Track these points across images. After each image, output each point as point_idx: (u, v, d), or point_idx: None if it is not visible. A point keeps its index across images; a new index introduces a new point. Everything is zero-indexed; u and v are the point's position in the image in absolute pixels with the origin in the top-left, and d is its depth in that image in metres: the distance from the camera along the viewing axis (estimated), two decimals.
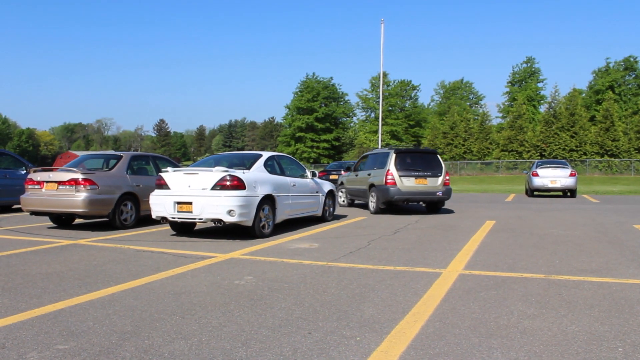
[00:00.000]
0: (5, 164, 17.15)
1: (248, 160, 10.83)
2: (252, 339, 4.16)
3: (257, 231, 9.80)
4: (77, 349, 3.96)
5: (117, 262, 7.53)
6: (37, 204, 11.48)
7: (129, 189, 11.78)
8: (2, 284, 6.15)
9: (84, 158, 13.52)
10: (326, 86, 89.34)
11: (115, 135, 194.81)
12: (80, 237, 10.26)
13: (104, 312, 4.92)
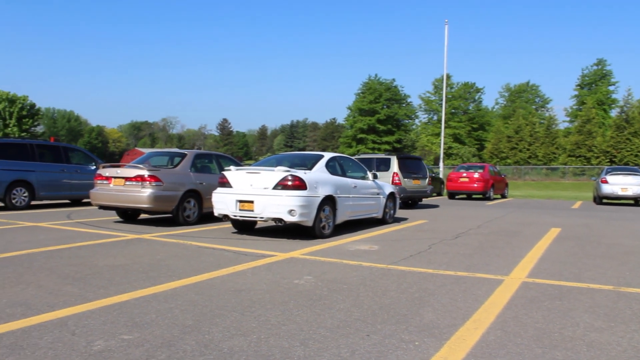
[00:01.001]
0: (77, 159, 17.82)
1: (310, 160, 10.87)
2: (310, 338, 4.17)
3: (317, 231, 9.83)
4: (140, 340, 4.07)
5: (179, 257, 7.70)
6: (105, 198, 11.88)
7: (193, 187, 12.03)
8: (72, 274, 6.39)
9: (149, 155, 13.90)
10: (388, 88, 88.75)
11: (180, 134, 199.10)
12: (144, 231, 10.54)
13: (166, 306, 5.03)
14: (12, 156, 15.72)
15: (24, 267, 6.81)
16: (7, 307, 4.94)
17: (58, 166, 16.74)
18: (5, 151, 15.63)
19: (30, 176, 15.82)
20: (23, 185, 15.67)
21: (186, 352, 3.83)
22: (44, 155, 16.67)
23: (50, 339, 4.07)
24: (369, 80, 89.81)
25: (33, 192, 15.90)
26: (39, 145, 17.00)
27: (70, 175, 16.99)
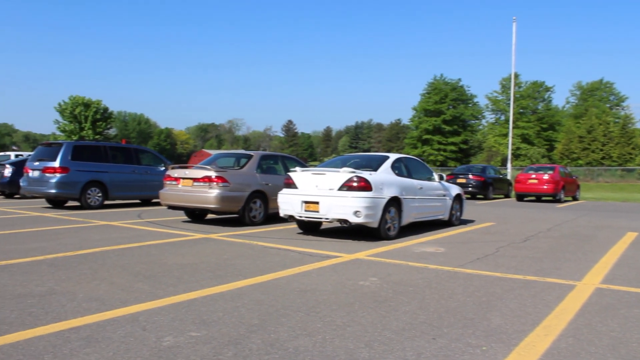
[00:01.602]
0: (146, 160, 18.38)
1: (375, 161, 10.81)
2: (375, 340, 4.15)
3: (382, 233, 9.77)
4: (208, 337, 4.14)
5: (245, 257, 7.81)
6: (174, 198, 12.20)
7: (259, 187, 12.19)
8: (142, 272, 6.59)
9: (216, 157, 14.16)
10: (454, 88, 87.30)
11: (246, 135, 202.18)
12: (212, 231, 10.75)
13: (233, 304, 5.11)
14: (87, 158, 16.38)
15: (98, 264, 7.07)
16: (83, 302, 5.14)
17: (129, 167, 17.31)
18: (81, 153, 16.29)
19: (103, 177, 16.42)
20: (97, 185, 16.28)
21: (252, 351, 3.88)
22: (116, 156, 17.28)
23: (123, 334, 4.21)
24: (434, 81, 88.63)
25: (106, 192, 16.49)
26: (111, 148, 17.64)
27: (141, 176, 17.53)
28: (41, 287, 5.79)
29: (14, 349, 3.87)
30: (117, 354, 3.79)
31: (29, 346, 3.94)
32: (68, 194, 15.90)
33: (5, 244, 8.85)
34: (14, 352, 3.83)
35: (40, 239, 9.45)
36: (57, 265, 6.99)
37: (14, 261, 7.30)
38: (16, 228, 11.15)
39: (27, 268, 6.82)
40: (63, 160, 15.76)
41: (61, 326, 4.39)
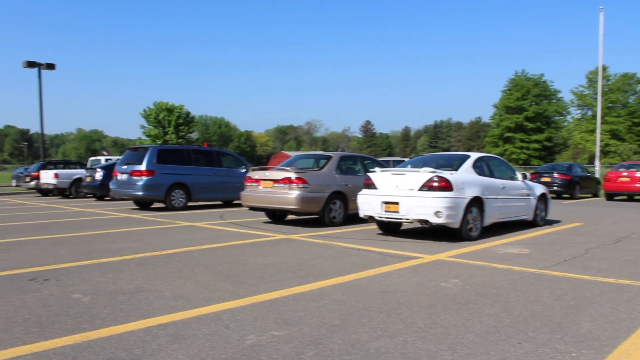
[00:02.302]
0: (227, 163, 18.83)
1: (456, 161, 10.62)
2: (458, 343, 4.07)
3: (464, 234, 9.58)
4: (289, 337, 4.18)
5: (326, 257, 7.84)
6: (255, 200, 12.42)
7: (338, 188, 12.22)
8: (225, 272, 6.74)
9: (296, 158, 14.31)
10: (537, 83, 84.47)
11: (324, 136, 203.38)
12: (292, 232, 10.87)
13: (314, 305, 5.14)
14: (172, 161, 16.95)
15: (183, 264, 7.29)
16: (170, 300, 5.32)
17: (211, 170, 17.78)
18: (165, 157, 16.88)
19: (187, 179, 16.94)
20: (181, 187, 16.81)
21: (333, 351, 3.88)
22: (199, 159, 17.80)
23: (207, 331, 4.31)
24: (515, 77, 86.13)
25: (189, 194, 17.01)
26: (194, 151, 18.19)
27: (222, 178, 17.97)
28: (130, 284, 6.04)
29: (107, 343, 4.05)
30: (202, 350, 3.89)
31: (120, 340, 4.11)
32: (154, 196, 16.51)
33: (97, 244, 9.29)
34: (107, 345, 4.00)
35: (129, 239, 9.86)
36: (145, 264, 7.26)
37: (105, 260, 7.65)
38: (107, 228, 11.67)
39: (117, 266, 7.13)
40: (149, 164, 16.37)
41: (150, 322, 4.56)
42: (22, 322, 4.64)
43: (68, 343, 4.07)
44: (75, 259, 7.79)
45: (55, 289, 5.87)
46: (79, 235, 10.58)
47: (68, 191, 25.01)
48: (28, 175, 28.53)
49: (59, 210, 17.68)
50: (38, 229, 11.83)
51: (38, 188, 26.82)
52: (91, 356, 3.79)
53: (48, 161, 29.80)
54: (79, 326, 4.48)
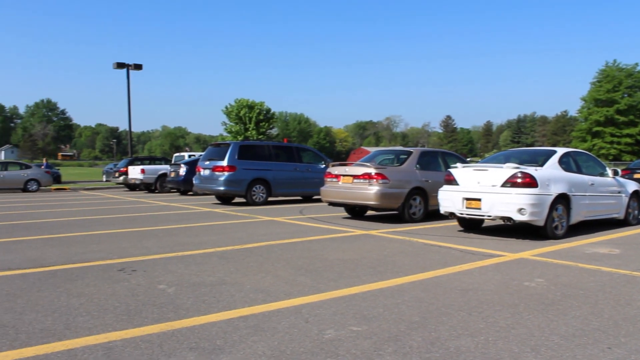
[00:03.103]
0: (307, 158, 18.98)
1: (541, 156, 10.27)
2: (542, 345, 3.92)
3: (549, 232, 9.25)
4: (368, 333, 4.17)
5: (405, 254, 7.77)
6: (334, 195, 12.47)
7: (418, 184, 12.08)
8: (305, 266, 6.80)
9: (376, 154, 14.24)
10: (630, 74, 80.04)
11: (403, 132, 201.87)
12: (371, 228, 10.83)
13: (393, 301, 5.10)
14: (253, 157, 17.27)
15: (263, 258, 7.41)
16: (250, 293, 5.42)
17: (291, 165, 17.98)
18: (246, 152, 17.22)
19: (267, 175, 17.21)
20: (261, 183, 17.10)
21: (412, 348, 3.84)
22: (279, 155, 18.05)
23: (287, 325, 4.36)
24: (606, 67, 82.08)
25: (270, 189, 17.27)
26: (274, 147, 18.47)
27: (302, 173, 18.14)
28: (212, 277, 6.19)
29: (190, 332, 4.18)
30: (282, 343, 3.93)
31: (203, 331, 4.22)
32: (235, 191, 16.87)
33: (181, 237, 9.59)
34: (190, 335, 4.12)
35: (211, 233, 10.12)
36: (227, 258, 7.43)
37: (189, 252, 7.88)
38: (190, 222, 12.04)
39: (200, 259, 7.33)
40: (230, 160, 16.74)
41: (231, 314, 4.66)
42: (112, 309, 4.85)
43: (154, 331, 4.22)
44: (160, 251, 8.08)
45: (142, 279, 6.10)
46: (164, 228, 10.96)
47: (154, 186, 25.96)
48: (117, 171, 29.88)
49: (145, 204, 18.39)
50: (127, 222, 12.35)
51: (126, 183, 28.01)
52: (175, 345, 3.92)
53: (135, 157, 31.08)
54: (164, 315, 4.64)
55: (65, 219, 13.08)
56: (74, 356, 3.71)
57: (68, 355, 3.74)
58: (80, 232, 10.46)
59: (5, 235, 9.99)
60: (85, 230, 10.65)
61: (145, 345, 3.91)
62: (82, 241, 9.16)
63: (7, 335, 4.17)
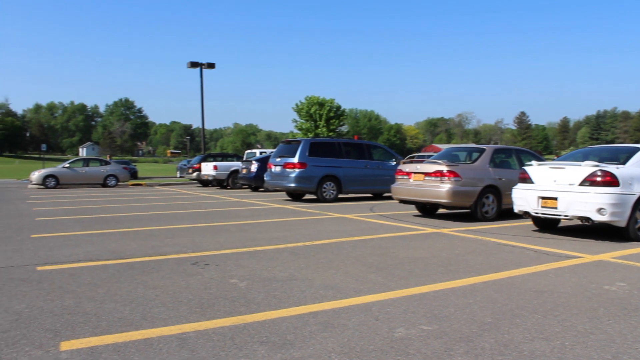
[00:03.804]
0: (378, 156, 18.90)
1: (623, 154, 9.81)
2: (624, 353, 3.75)
3: (631, 233, 8.84)
4: (439, 332, 4.11)
5: (477, 253, 7.61)
6: (405, 193, 12.36)
7: (491, 182, 11.81)
8: (375, 264, 6.77)
9: (447, 151, 14.03)
10: None
11: (476, 129, 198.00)
12: (443, 226, 10.68)
13: (464, 301, 5.01)
14: (323, 154, 17.34)
15: (333, 254, 7.43)
16: (320, 289, 5.44)
17: (362, 162, 17.94)
18: (317, 150, 17.31)
19: (338, 172, 17.24)
20: (332, 180, 17.15)
21: (485, 350, 3.75)
22: (349, 152, 18.04)
23: (357, 322, 4.36)
24: None
25: (340, 186, 17.30)
26: (345, 144, 18.46)
27: (373, 170, 18.07)
28: (283, 272, 6.26)
29: (261, 327, 4.24)
30: (352, 340, 3.93)
31: (274, 325, 4.27)
32: (306, 187, 16.99)
33: (252, 232, 9.74)
34: (261, 329, 4.18)
35: (282, 229, 10.23)
36: (297, 254, 7.49)
37: (260, 248, 8.00)
38: (261, 218, 12.21)
39: (271, 255, 7.43)
40: (301, 157, 16.87)
41: (301, 310, 4.69)
42: (186, 302, 4.98)
43: (226, 324, 4.30)
44: (233, 246, 8.23)
45: (214, 273, 6.23)
46: (236, 224, 11.17)
47: (226, 182, 26.49)
48: (190, 167, 30.66)
49: (217, 200, 18.80)
50: (200, 217, 12.66)
51: (199, 179, 28.72)
52: (247, 338, 3.98)
53: (208, 154, 31.79)
54: (235, 309, 4.72)
55: (142, 214, 13.53)
56: (150, 345, 3.84)
57: (144, 344, 3.87)
58: (156, 226, 10.80)
59: (87, 228, 10.43)
60: (161, 225, 10.99)
61: (218, 338, 3.99)
62: (158, 235, 9.46)
63: (90, 322, 4.37)
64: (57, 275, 6.18)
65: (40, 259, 7.13)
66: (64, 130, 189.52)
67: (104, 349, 3.78)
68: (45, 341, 3.94)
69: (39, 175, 27.54)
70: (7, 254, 7.59)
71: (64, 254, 7.57)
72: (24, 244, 8.45)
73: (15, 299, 5.13)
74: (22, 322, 4.39)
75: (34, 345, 3.86)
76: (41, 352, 3.74)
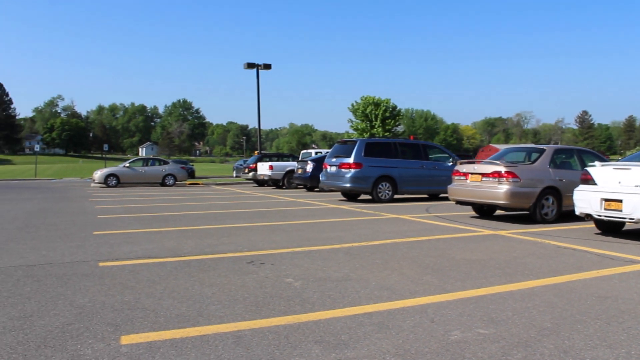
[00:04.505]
0: (434, 156, 18.71)
1: None
2: None
3: None
4: (496, 336, 4.02)
5: (537, 256, 7.43)
6: (462, 194, 12.18)
7: (551, 183, 11.50)
8: (431, 265, 6.70)
9: (505, 151, 13.75)
10: None
11: (535, 129, 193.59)
12: (500, 228, 10.47)
13: (522, 305, 4.89)
14: (379, 154, 17.28)
15: (388, 255, 7.39)
16: (375, 290, 5.42)
17: (418, 162, 17.78)
18: (373, 150, 17.25)
19: (393, 172, 17.13)
20: (387, 180, 17.04)
21: (544, 356, 3.66)
22: (405, 152, 17.91)
23: (412, 323, 4.31)
24: None
25: (396, 187, 17.17)
26: (401, 144, 18.35)
27: (429, 171, 17.89)
28: (338, 272, 6.26)
29: (316, 326, 4.25)
30: (406, 342, 3.89)
31: (328, 325, 4.27)
32: (361, 188, 16.96)
33: (308, 232, 9.79)
34: (316, 328, 4.20)
35: (337, 229, 10.24)
36: (352, 254, 7.48)
37: (315, 248, 8.03)
38: (317, 218, 12.25)
39: (326, 255, 7.44)
40: (357, 157, 16.84)
41: (356, 310, 4.68)
42: (242, 300, 5.04)
43: (281, 323, 4.33)
44: (288, 245, 8.28)
45: (270, 272, 6.29)
46: (291, 223, 11.24)
47: (281, 182, 26.70)
48: (246, 167, 31.06)
49: (273, 199, 18.97)
50: (256, 216, 12.80)
51: (255, 179, 29.05)
52: (301, 337, 3.99)
53: (264, 154, 32.13)
54: (290, 308, 4.75)
55: (199, 212, 13.79)
56: (206, 342, 3.90)
57: (201, 340, 3.94)
58: (213, 225, 10.98)
59: (146, 226, 10.70)
60: (218, 224, 11.16)
61: (272, 336, 4.02)
62: (215, 234, 9.61)
63: (148, 318, 4.47)
64: (117, 271, 6.36)
65: (102, 255, 7.36)
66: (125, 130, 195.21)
67: (161, 344, 3.86)
68: (106, 334, 4.07)
69: (101, 175, 28.49)
70: (71, 249, 7.87)
71: (124, 250, 7.79)
72: (87, 241, 8.74)
73: (79, 293, 5.31)
74: (85, 315, 4.55)
75: (96, 338, 3.98)
76: (103, 344, 3.86)
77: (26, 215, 13.13)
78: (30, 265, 6.73)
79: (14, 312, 4.65)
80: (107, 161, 70.00)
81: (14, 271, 6.36)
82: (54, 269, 6.50)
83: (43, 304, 4.92)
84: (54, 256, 7.34)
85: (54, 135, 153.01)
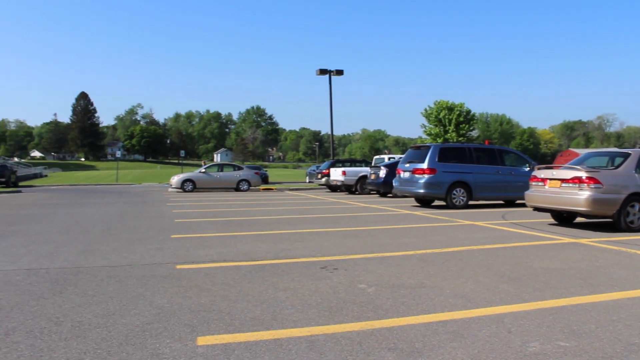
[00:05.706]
0: (510, 161, 18.23)
1: None
2: None
3: None
4: (578, 350, 3.86)
5: (622, 266, 7.09)
6: (540, 200, 11.79)
7: (637, 190, 10.96)
8: (507, 273, 6.51)
9: (586, 156, 13.22)
10: None
11: (618, 132, 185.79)
12: (581, 236, 10.08)
13: (607, 317, 4.68)
14: (453, 159, 17.01)
15: (463, 262, 7.24)
16: (450, 297, 5.32)
17: (493, 168, 17.36)
18: (447, 155, 17.00)
19: (467, 177, 16.81)
20: (462, 186, 16.74)
21: None
22: (480, 157, 17.53)
23: (488, 333, 4.20)
24: None
25: (470, 193, 16.84)
26: (475, 149, 17.97)
27: (505, 177, 17.43)
28: (412, 279, 6.18)
29: (389, 333, 4.20)
30: (482, 352, 3.79)
31: (402, 332, 4.22)
32: (435, 193, 16.73)
33: (381, 238, 9.73)
34: (389, 335, 4.15)
35: (410, 235, 10.13)
36: (426, 261, 7.38)
37: (388, 254, 7.97)
38: (390, 224, 12.17)
39: (399, 261, 7.37)
40: (431, 162, 16.63)
41: (430, 318, 4.61)
42: (315, 305, 5.05)
43: (354, 329, 4.31)
44: (361, 251, 8.26)
45: (343, 277, 6.28)
46: (364, 229, 11.20)
47: (354, 187, 26.67)
48: (319, 173, 31.23)
49: (346, 205, 18.98)
50: (329, 222, 12.84)
51: (328, 184, 29.14)
52: (374, 344, 3.96)
53: (337, 160, 32.23)
54: (363, 314, 4.72)
55: (273, 217, 13.96)
56: (280, 346, 3.93)
57: (275, 344, 3.97)
58: (286, 229, 11.09)
59: (222, 230, 10.93)
60: (291, 228, 11.27)
61: (346, 342, 4.01)
62: (288, 238, 9.70)
63: (223, 320, 4.56)
64: (194, 274, 6.52)
65: (179, 258, 7.57)
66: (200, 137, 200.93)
67: (236, 346, 3.92)
68: (183, 335, 4.17)
69: (177, 180, 29.38)
70: (150, 252, 8.13)
71: (200, 254, 7.98)
72: (165, 244, 9.01)
73: (158, 294, 5.48)
74: (163, 315, 4.68)
75: (173, 338, 4.09)
76: (180, 344, 3.96)
77: (109, 218, 13.69)
78: (113, 266, 7.01)
79: (99, 310, 4.86)
80: (183, 167, 72.05)
81: (98, 271, 6.65)
82: (135, 270, 6.74)
83: (124, 303, 5.11)
84: (134, 258, 7.62)
85: (134, 142, 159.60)
